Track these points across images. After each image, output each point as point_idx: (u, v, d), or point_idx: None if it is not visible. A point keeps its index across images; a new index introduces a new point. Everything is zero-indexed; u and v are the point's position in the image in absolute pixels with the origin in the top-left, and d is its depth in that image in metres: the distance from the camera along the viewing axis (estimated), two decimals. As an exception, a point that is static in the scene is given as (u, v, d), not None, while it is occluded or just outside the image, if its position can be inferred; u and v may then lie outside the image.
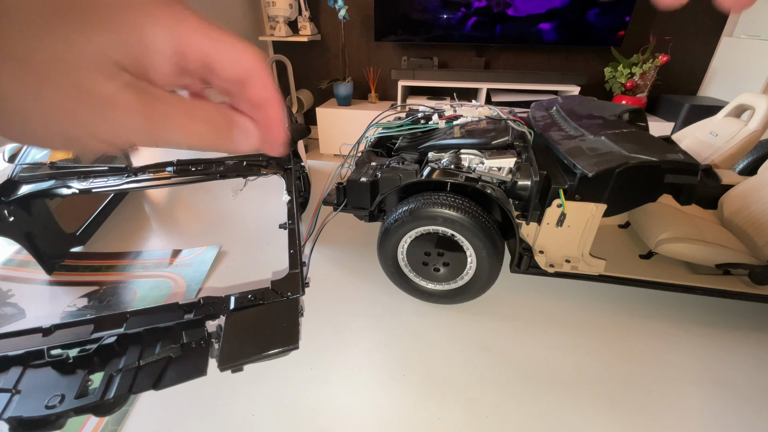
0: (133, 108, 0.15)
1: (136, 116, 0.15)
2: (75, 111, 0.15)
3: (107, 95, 0.15)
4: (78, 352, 0.28)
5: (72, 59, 0.14)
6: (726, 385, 0.42)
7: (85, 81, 0.15)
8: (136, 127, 0.16)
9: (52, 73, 0.14)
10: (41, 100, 0.15)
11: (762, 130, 0.70)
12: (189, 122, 0.17)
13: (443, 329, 0.48)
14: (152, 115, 0.16)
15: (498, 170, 0.48)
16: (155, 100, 0.16)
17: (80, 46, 0.15)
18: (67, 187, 0.52)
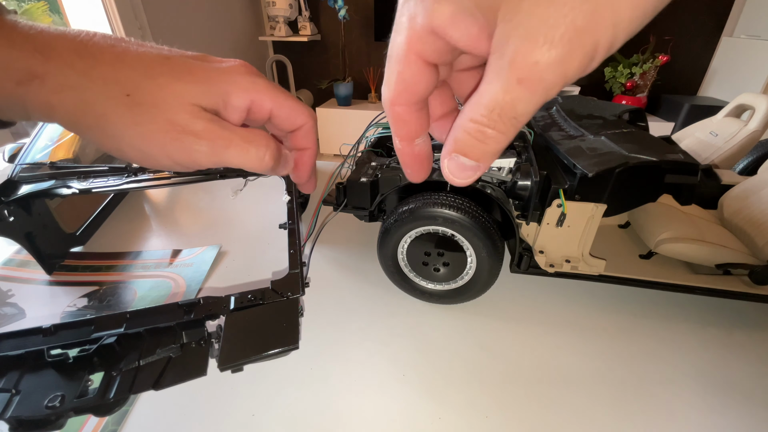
0: (205, 137, 0.20)
1: (205, 142, 0.20)
2: (161, 137, 0.19)
3: (188, 128, 0.20)
4: (78, 352, 0.28)
5: (169, 99, 0.19)
6: (726, 385, 0.43)
7: (173, 116, 0.19)
8: (204, 150, 0.20)
9: (150, 107, 0.19)
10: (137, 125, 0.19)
11: (762, 130, 0.70)
12: (248, 146, 0.21)
13: (443, 329, 0.48)
14: (218, 142, 0.20)
15: (498, 170, 0.48)
16: (223, 129, 0.21)
17: (177, 92, 0.20)
18: (67, 187, 0.52)
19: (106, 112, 0.19)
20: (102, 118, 0.19)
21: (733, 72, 2.23)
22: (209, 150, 0.20)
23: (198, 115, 0.20)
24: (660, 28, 2.31)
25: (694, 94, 2.49)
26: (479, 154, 0.17)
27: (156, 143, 0.19)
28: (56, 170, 0.55)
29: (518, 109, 0.14)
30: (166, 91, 0.19)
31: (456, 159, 0.17)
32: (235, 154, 0.21)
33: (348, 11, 2.24)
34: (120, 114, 0.19)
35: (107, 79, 0.19)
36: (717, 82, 2.35)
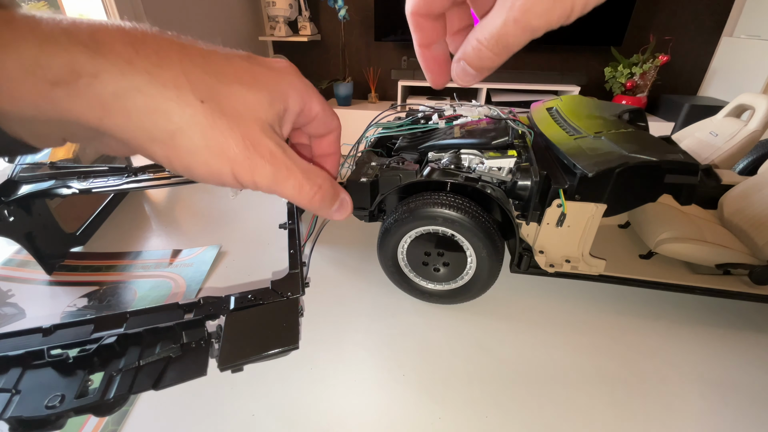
0: (270, 164, 0.19)
1: (269, 171, 0.19)
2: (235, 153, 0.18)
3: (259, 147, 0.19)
4: (78, 352, 0.28)
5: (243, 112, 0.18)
6: (726, 385, 0.42)
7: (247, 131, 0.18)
8: (267, 175, 0.19)
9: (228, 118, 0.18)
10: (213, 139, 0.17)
11: (762, 130, 0.70)
12: (305, 184, 0.21)
13: (443, 329, 0.48)
14: (278, 175, 0.19)
15: (498, 170, 0.48)
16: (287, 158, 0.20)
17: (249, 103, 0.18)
18: (67, 187, 0.52)
19: (183, 123, 0.16)
20: (178, 131, 0.16)
21: (733, 72, 2.23)
22: (271, 176, 0.19)
23: (268, 134, 0.19)
24: (660, 28, 2.31)
25: (694, 94, 2.49)
26: (477, 66, 0.21)
27: (227, 160, 0.18)
28: (56, 170, 0.55)
29: (509, 41, 0.18)
30: (240, 102, 0.18)
31: (462, 65, 0.21)
32: (291, 187, 0.20)
33: (348, 11, 2.24)
34: (197, 124, 0.17)
35: (179, 82, 0.16)
36: (717, 82, 2.35)
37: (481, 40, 0.19)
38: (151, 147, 0.17)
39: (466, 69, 0.21)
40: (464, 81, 0.22)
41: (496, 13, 0.18)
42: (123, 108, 0.15)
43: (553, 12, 0.16)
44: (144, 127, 0.16)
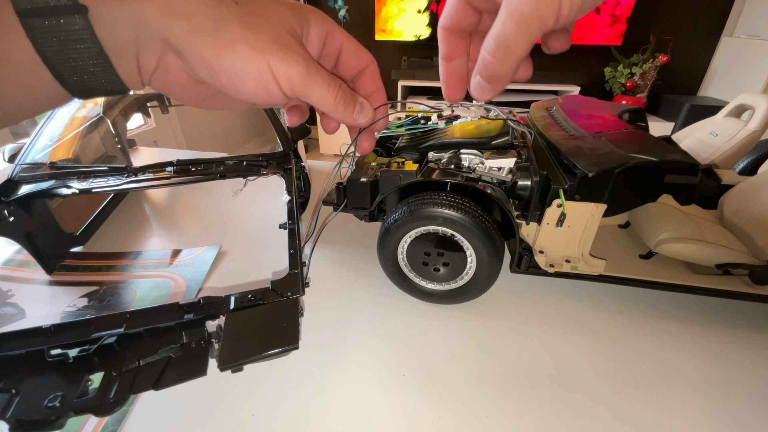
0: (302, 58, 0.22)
1: (302, 65, 0.22)
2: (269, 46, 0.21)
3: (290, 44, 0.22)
4: (78, 352, 0.28)
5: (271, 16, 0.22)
6: (726, 385, 0.43)
7: (277, 31, 0.21)
8: (300, 70, 0.22)
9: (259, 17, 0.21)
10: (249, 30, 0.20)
11: (762, 130, 0.70)
12: (330, 83, 0.23)
13: (443, 329, 0.48)
14: (310, 69, 0.22)
15: (498, 170, 0.48)
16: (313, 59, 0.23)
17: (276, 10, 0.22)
18: (67, 187, 0.52)
19: (224, 15, 0.20)
20: (221, 21, 0.20)
21: (733, 72, 2.23)
22: (304, 71, 0.22)
23: (295, 36, 0.22)
24: (660, 28, 2.31)
25: (694, 94, 2.49)
26: (486, 76, 0.22)
27: (264, 52, 0.20)
28: (56, 170, 0.55)
29: (509, 39, 0.19)
30: (269, 9, 0.22)
31: (476, 79, 0.23)
32: (319, 84, 0.23)
33: (348, 11, 2.24)
34: (235, 19, 0.20)
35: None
36: (717, 82, 2.35)
37: (487, 48, 0.21)
38: (201, 47, 0.20)
39: (480, 83, 0.23)
40: (480, 95, 0.23)
41: (497, 19, 0.19)
42: (178, 7, 0.19)
43: (545, 5, 0.17)
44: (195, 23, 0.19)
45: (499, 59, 0.20)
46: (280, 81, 0.21)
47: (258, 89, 0.22)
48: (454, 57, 0.26)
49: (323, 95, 0.23)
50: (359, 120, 0.26)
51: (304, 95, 0.23)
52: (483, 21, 0.24)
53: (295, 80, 0.22)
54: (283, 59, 0.21)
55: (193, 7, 0.19)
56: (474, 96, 0.24)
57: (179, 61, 0.21)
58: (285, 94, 0.22)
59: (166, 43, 0.20)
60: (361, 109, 0.26)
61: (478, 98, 0.24)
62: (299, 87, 0.22)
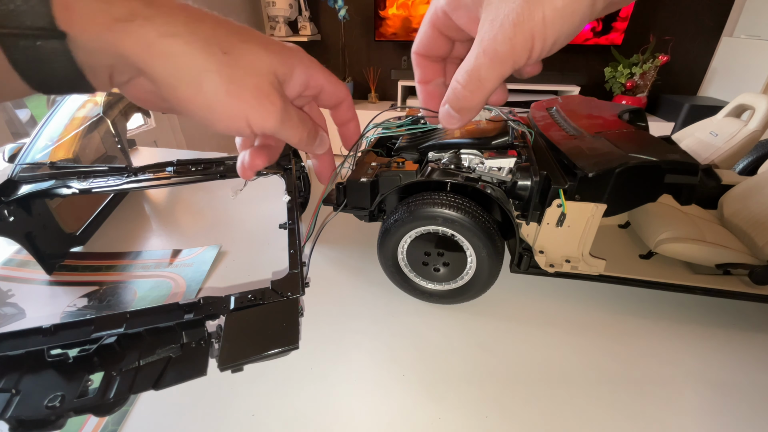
0: (278, 110, 0.23)
1: (277, 117, 0.23)
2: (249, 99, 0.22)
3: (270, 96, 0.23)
4: (78, 352, 0.28)
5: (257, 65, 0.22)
6: (726, 385, 0.43)
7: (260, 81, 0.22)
8: (274, 119, 0.23)
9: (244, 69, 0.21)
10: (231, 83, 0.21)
11: (762, 130, 0.70)
12: (299, 126, 0.25)
13: (443, 329, 0.48)
14: (284, 118, 0.24)
15: (498, 170, 0.48)
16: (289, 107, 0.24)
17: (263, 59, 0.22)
18: (67, 187, 0.52)
19: (208, 67, 0.20)
20: (203, 73, 0.20)
21: (733, 72, 2.23)
22: (278, 120, 0.23)
23: (276, 87, 0.23)
24: (660, 28, 2.31)
25: (694, 94, 2.49)
26: (456, 106, 0.23)
27: (242, 103, 0.21)
28: (56, 170, 0.55)
29: (482, 74, 0.20)
30: (256, 57, 0.22)
31: (446, 108, 0.24)
32: (291, 127, 0.24)
33: (348, 11, 2.24)
34: (218, 71, 0.20)
35: (209, 37, 0.20)
36: (717, 82, 2.35)
37: (459, 79, 0.22)
38: (179, 87, 0.20)
39: (449, 111, 0.24)
40: (449, 123, 0.25)
41: (470, 53, 0.20)
42: (167, 48, 0.19)
43: (515, 40, 0.18)
44: (176, 68, 0.19)
45: (470, 91, 0.21)
46: (255, 128, 0.23)
47: (232, 130, 0.23)
48: (430, 80, 0.27)
49: (292, 136, 0.26)
50: (317, 151, 0.30)
51: (277, 136, 0.25)
52: (455, 49, 0.26)
53: (269, 128, 0.23)
54: (260, 113, 0.22)
55: (176, 52, 0.19)
56: (442, 122, 0.25)
57: (153, 87, 0.21)
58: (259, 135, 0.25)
59: (142, 73, 0.20)
60: (320, 142, 0.29)
61: (446, 126, 0.25)
62: (272, 131, 0.24)
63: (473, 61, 0.20)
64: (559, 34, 0.18)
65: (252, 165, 0.29)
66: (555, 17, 0.17)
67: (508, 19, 0.18)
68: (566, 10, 0.17)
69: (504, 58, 0.19)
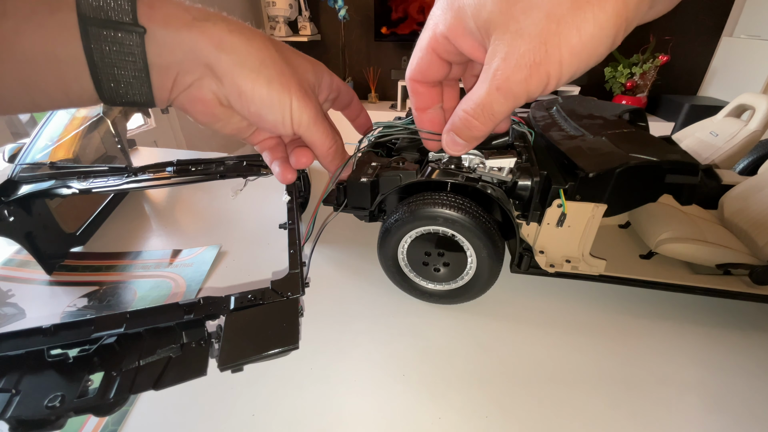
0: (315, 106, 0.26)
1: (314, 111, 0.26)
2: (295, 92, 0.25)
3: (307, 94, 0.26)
4: (78, 352, 0.28)
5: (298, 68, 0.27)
6: (726, 385, 0.42)
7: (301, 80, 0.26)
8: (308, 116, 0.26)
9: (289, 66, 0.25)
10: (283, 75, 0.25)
11: (762, 130, 0.70)
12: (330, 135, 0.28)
13: (443, 329, 0.48)
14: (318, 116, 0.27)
15: (498, 170, 0.48)
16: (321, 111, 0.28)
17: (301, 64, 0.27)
18: (67, 187, 0.52)
19: (266, 58, 0.24)
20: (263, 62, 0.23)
21: (733, 72, 2.23)
22: (314, 116, 0.26)
23: (311, 88, 0.27)
24: (660, 28, 2.31)
25: (694, 94, 2.49)
26: (466, 136, 0.24)
27: (290, 92, 0.24)
28: (56, 170, 0.55)
29: (494, 108, 0.20)
30: (298, 63, 0.26)
31: (451, 135, 0.25)
32: (322, 131, 0.27)
33: (348, 11, 2.24)
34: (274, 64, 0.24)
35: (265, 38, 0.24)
36: (717, 82, 2.35)
37: (468, 110, 0.22)
38: (241, 77, 0.23)
39: (455, 140, 0.25)
40: (454, 150, 0.26)
41: (481, 85, 0.20)
42: (231, 44, 0.22)
43: (531, 80, 0.18)
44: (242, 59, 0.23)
45: (481, 122, 0.22)
46: (294, 118, 0.25)
47: (277, 121, 0.25)
48: (428, 107, 0.28)
49: (322, 142, 0.27)
50: (336, 172, 0.32)
51: (307, 135, 0.27)
52: (453, 71, 0.26)
53: (305, 119, 0.26)
54: (301, 102, 0.25)
55: (242, 46, 0.23)
56: (447, 150, 0.26)
57: (215, 86, 0.23)
58: (293, 131, 0.26)
59: (209, 69, 0.22)
60: (347, 168, 0.32)
61: (452, 152, 0.26)
62: (305, 126, 0.26)
63: (485, 96, 0.20)
64: (576, 71, 0.18)
65: (298, 163, 0.30)
66: (572, 60, 0.17)
67: (523, 59, 0.18)
68: (583, 53, 0.17)
69: (518, 95, 0.19)
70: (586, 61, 0.17)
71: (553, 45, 0.17)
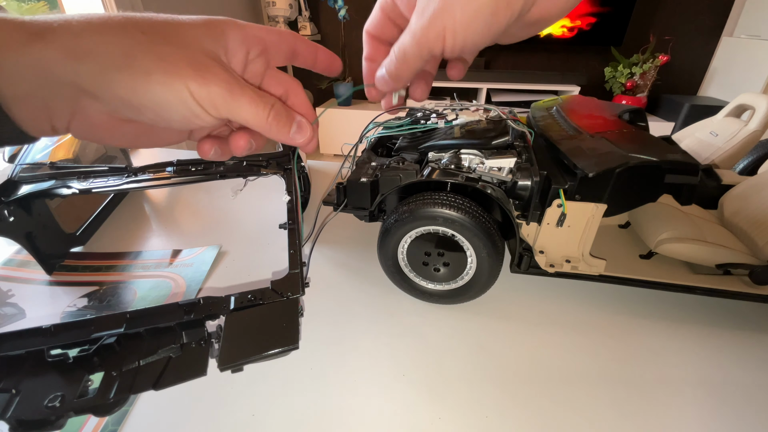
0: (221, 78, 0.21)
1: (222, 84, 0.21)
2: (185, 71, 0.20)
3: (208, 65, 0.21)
4: (78, 352, 0.28)
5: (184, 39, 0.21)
6: (726, 385, 0.43)
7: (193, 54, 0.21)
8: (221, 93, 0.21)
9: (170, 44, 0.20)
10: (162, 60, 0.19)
11: (762, 130, 0.70)
12: (258, 101, 0.22)
13: (443, 329, 0.48)
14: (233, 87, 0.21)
15: (498, 170, 0.48)
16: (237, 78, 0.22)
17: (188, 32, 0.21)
18: (67, 187, 0.52)
19: (132, 48, 0.19)
20: (130, 54, 0.19)
21: (733, 72, 2.23)
22: (227, 93, 0.21)
23: (213, 57, 0.21)
24: (660, 28, 2.31)
25: (694, 94, 2.49)
26: (390, 73, 0.26)
27: (181, 77, 0.19)
28: (56, 170, 0.55)
29: (407, 51, 0.24)
30: (179, 31, 0.21)
31: (382, 71, 0.27)
32: (246, 104, 0.22)
33: (348, 11, 2.24)
34: (145, 50, 0.19)
35: (123, 24, 0.19)
36: (717, 82, 2.35)
37: (393, 49, 0.25)
38: (112, 78, 0.18)
39: (383, 75, 0.26)
40: (382, 85, 0.27)
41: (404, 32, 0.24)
42: (92, 46, 0.18)
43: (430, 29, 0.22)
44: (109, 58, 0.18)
45: (399, 62, 0.25)
46: (203, 103, 0.20)
47: (186, 116, 0.21)
48: (375, 59, 0.29)
49: (252, 114, 0.22)
50: (297, 140, 0.25)
51: (232, 115, 0.22)
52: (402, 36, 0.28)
53: (218, 100, 0.21)
54: (200, 81, 0.20)
55: (97, 45, 0.18)
56: (377, 85, 0.27)
57: (98, 104, 0.20)
58: (215, 117, 0.21)
59: (78, 88, 0.18)
60: (298, 128, 0.25)
61: (380, 88, 0.27)
62: (224, 107, 0.21)
63: (402, 39, 0.24)
64: (466, 35, 0.22)
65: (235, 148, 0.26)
66: (464, 19, 0.21)
67: (428, 10, 0.22)
68: (473, 16, 0.21)
69: (422, 42, 0.22)
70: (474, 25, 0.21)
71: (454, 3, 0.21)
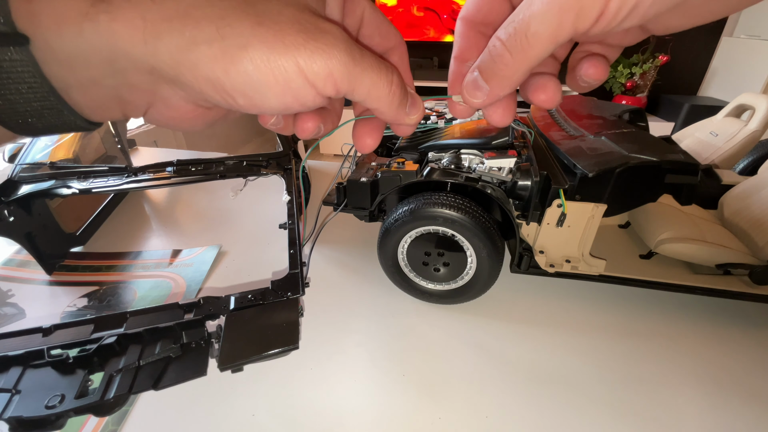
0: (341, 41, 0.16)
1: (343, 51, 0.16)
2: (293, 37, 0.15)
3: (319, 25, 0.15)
4: (78, 352, 0.28)
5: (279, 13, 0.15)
6: (726, 384, 0.42)
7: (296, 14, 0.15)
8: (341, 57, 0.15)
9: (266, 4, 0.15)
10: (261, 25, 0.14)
11: (762, 130, 0.70)
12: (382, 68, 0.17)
13: (443, 329, 0.48)
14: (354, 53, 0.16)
15: (498, 170, 0.48)
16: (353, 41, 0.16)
17: None
18: (67, 187, 0.52)
19: (225, 11, 0.14)
20: (223, 20, 0.14)
21: (733, 72, 2.23)
22: (348, 57, 0.16)
23: (318, 12, 0.16)
24: (660, 28, 2.31)
25: (694, 94, 2.49)
26: (490, 72, 0.17)
27: (288, 49, 0.15)
28: (56, 170, 0.55)
29: (532, 26, 0.15)
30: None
31: (474, 74, 0.18)
32: (371, 71, 0.17)
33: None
34: (240, 12, 0.14)
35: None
36: (717, 82, 2.35)
37: (499, 35, 0.16)
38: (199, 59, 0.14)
39: (477, 79, 0.18)
40: (472, 94, 0.19)
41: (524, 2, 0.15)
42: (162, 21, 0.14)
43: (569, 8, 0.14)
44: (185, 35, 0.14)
45: (511, 50, 0.16)
46: (317, 82, 0.15)
47: (287, 102, 0.16)
48: (468, 58, 0.20)
49: (376, 85, 0.17)
50: (411, 118, 0.19)
51: (352, 90, 0.17)
52: None
53: (339, 74, 0.16)
54: (316, 51, 0.15)
55: (180, 13, 0.14)
56: (465, 95, 0.19)
57: (181, 92, 0.16)
58: (324, 98, 0.16)
59: (156, 74, 0.15)
60: (412, 102, 0.19)
61: (469, 98, 0.19)
62: (345, 82, 0.16)
63: (526, 10, 0.15)
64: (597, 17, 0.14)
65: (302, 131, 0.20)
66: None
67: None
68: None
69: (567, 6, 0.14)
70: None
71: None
